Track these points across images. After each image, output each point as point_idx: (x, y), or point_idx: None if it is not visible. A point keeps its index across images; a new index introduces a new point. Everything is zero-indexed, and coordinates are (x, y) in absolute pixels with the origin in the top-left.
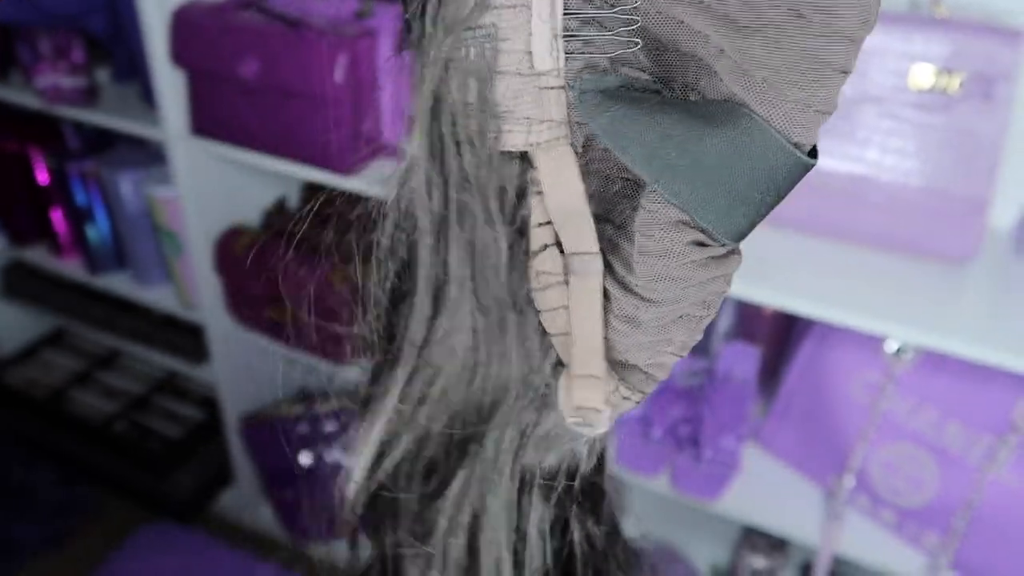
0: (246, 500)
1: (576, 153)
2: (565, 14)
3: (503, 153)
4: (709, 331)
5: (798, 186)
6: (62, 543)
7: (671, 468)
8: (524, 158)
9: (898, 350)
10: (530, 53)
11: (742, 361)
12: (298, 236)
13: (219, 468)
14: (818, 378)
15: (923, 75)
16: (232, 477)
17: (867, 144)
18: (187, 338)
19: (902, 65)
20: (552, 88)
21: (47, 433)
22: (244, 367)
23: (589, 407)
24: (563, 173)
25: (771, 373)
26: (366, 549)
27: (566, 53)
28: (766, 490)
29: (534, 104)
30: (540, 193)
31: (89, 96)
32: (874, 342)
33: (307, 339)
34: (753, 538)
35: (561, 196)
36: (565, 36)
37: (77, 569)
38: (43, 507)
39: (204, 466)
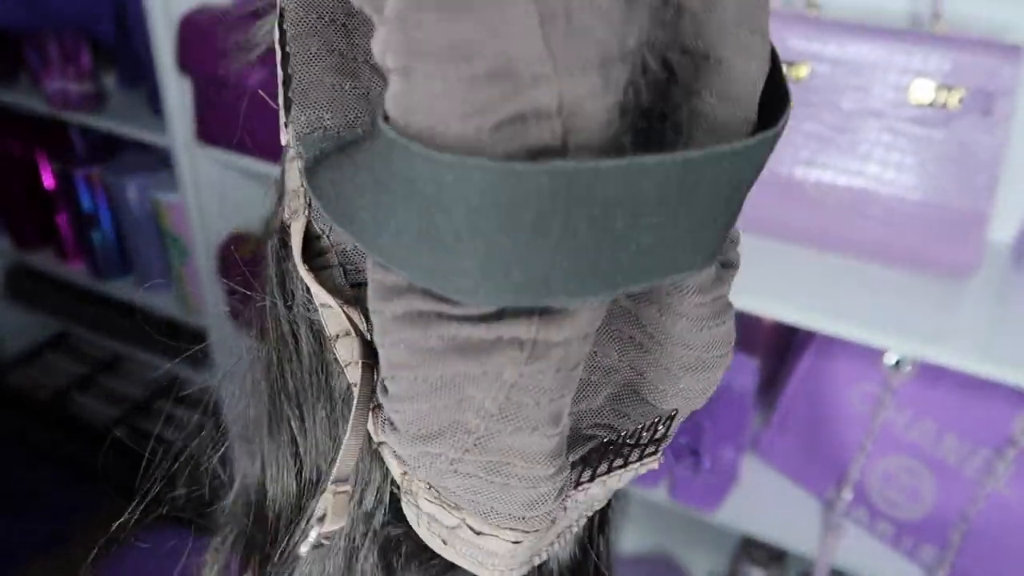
0: None
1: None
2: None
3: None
4: None
5: (799, 198)
6: (62, 544)
7: (670, 478)
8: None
9: (897, 363)
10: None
11: (741, 372)
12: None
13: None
14: (817, 390)
15: (924, 90)
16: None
17: (867, 158)
18: (190, 343)
19: (903, 80)
20: (293, 158)
21: (49, 435)
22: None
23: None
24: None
25: (770, 384)
26: None
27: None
28: (765, 501)
29: (289, 176)
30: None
31: (96, 102)
32: (873, 354)
33: None
34: (751, 549)
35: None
36: (297, 100)
37: (77, 570)
38: (44, 508)
39: (204, 471)
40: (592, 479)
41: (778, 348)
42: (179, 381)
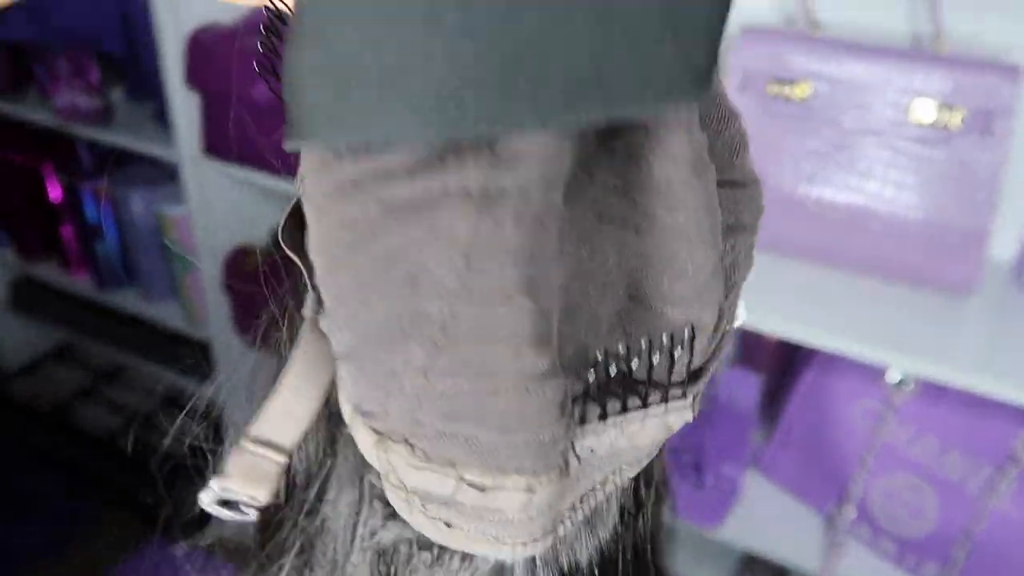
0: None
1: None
2: None
3: None
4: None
5: (800, 215)
6: (62, 552)
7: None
8: None
9: (899, 380)
10: None
11: (743, 388)
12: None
13: None
14: (819, 406)
15: (924, 110)
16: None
17: (868, 176)
18: (193, 355)
19: (903, 99)
20: None
21: (51, 445)
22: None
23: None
24: None
25: (772, 401)
26: None
27: None
28: (767, 517)
29: None
30: None
31: (104, 115)
32: (875, 372)
33: None
34: (753, 565)
35: None
36: None
37: None
38: (44, 516)
39: (206, 482)
40: (604, 417)
41: (780, 364)
42: (184, 392)
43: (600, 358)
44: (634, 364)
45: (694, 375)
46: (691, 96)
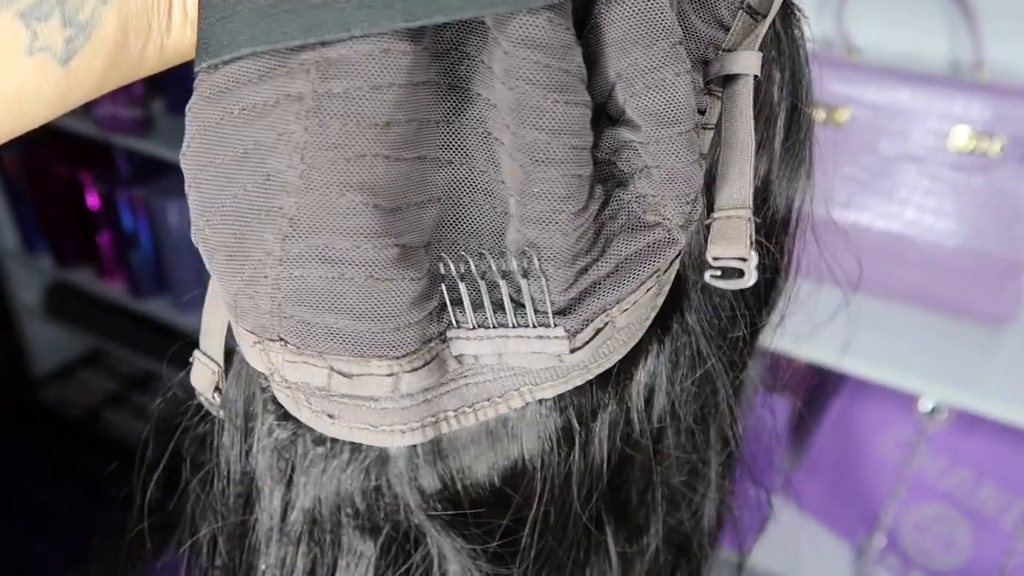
0: None
1: None
2: None
3: None
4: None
5: (834, 241)
6: (81, 565)
7: None
8: None
9: (932, 409)
10: None
11: (772, 413)
12: None
13: None
14: (849, 433)
15: (963, 137)
16: None
17: (906, 203)
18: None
19: (943, 127)
20: None
21: (77, 452)
22: None
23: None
24: None
25: (801, 426)
26: None
27: None
28: (794, 544)
29: None
30: None
31: (144, 126)
32: (906, 400)
33: None
34: None
35: None
36: None
37: None
38: (65, 528)
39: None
40: (457, 324)
41: (810, 390)
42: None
43: (473, 269)
44: (501, 281)
45: (565, 309)
46: (527, 3)
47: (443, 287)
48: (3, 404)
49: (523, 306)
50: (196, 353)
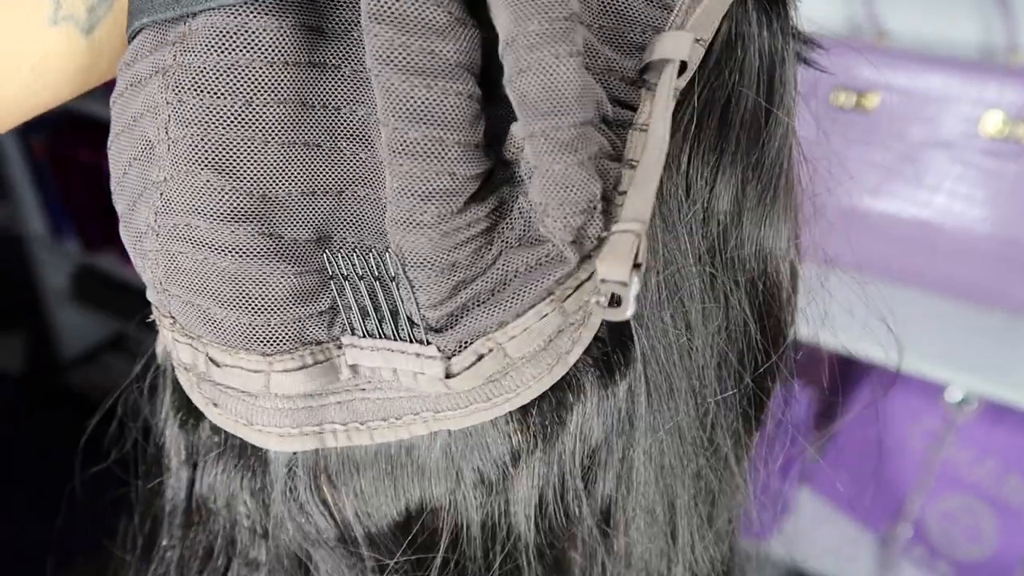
0: None
1: None
2: None
3: None
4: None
5: (862, 229)
6: (106, 544)
7: None
8: None
9: (961, 399)
10: None
11: (795, 402)
12: None
13: None
14: (874, 424)
15: (996, 122)
16: None
17: (936, 190)
18: None
19: (975, 112)
20: None
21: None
22: None
23: None
24: None
25: (826, 416)
26: None
27: None
28: (817, 534)
29: None
30: None
31: None
32: (933, 390)
33: None
34: None
35: None
36: None
37: (119, 572)
38: (92, 508)
39: None
40: (351, 330)
41: (835, 379)
42: None
43: (362, 270)
44: (376, 288)
45: (438, 326)
46: None
47: (346, 288)
48: (31, 388)
49: (399, 318)
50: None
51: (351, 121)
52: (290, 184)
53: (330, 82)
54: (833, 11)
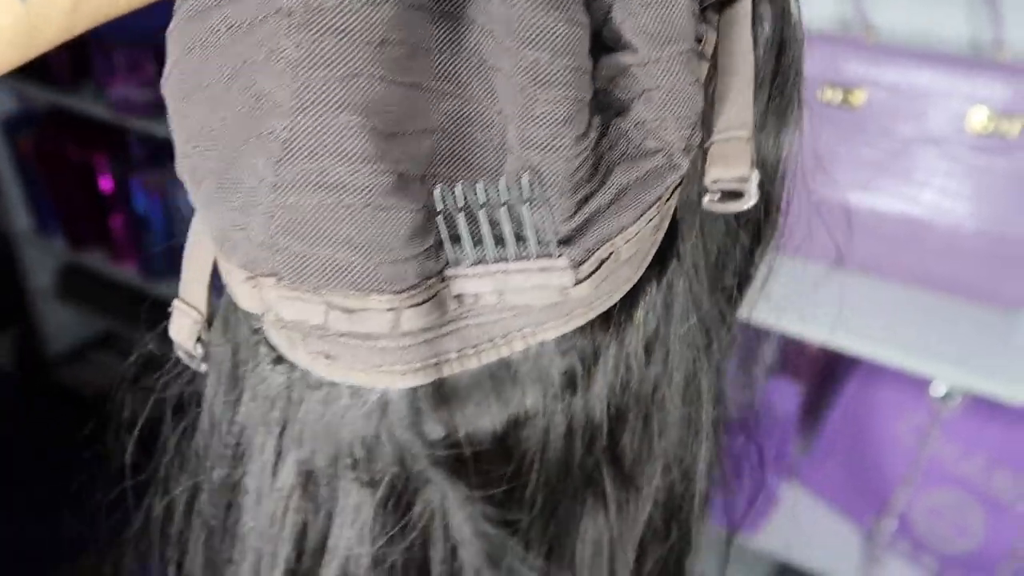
0: None
1: None
2: None
3: None
4: (751, 366)
5: (852, 224)
6: (105, 544)
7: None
8: None
9: (946, 394)
10: None
11: (784, 397)
12: None
13: None
14: (861, 418)
15: (983, 119)
16: None
17: (924, 186)
18: None
19: (962, 108)
20: None
21: (96, 433)
22: None
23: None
24: None
25: (813, 410)
26: None
27: None
28: (804, 528)
29: None
30: None
31: (157, 109)
32: (920, 384)
33: None
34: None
35: None
36: None
37: (113, 570)
38: (88, 507)
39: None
40: (456, 262)
41: (822, 374)
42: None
43: (471, 201)
44: (499, 213)
45: (568, 239)
46: None
47: (441, 223)
48: (18, 385)
49: (524, 238)
50: (175, 303)
51: (447, 63)
52: (410, 123)
53: (431, 25)
54: (821, 6)
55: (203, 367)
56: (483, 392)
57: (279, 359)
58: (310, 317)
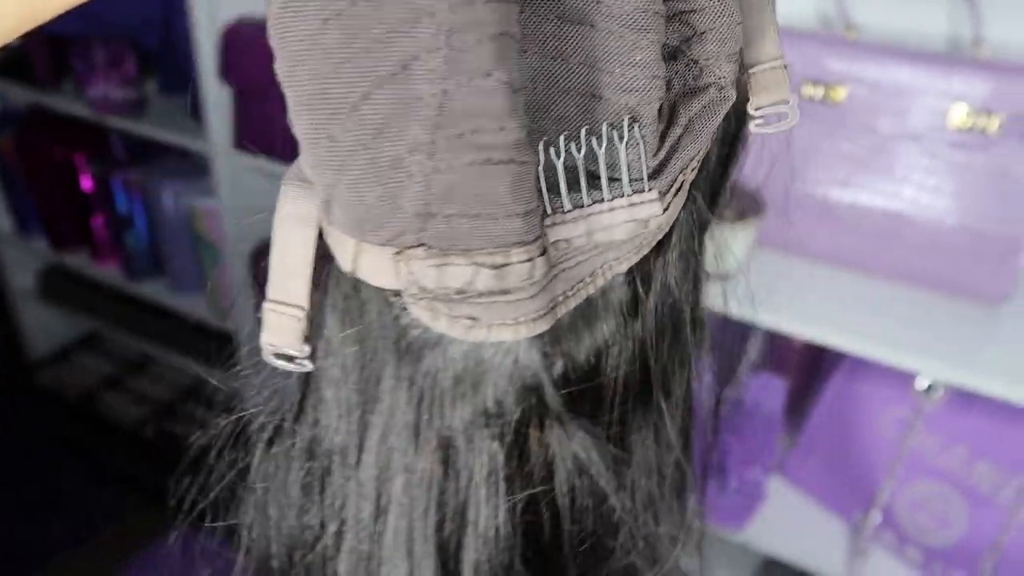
0: None
1: None
2: None
3: None
4: (735, 362)
5: (833, 220)
6: (84, 544)
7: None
8: None
9: (928, 387)
10: None
11: (769, 392)
12: None
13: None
14: (846, 413)
15: (962, 115)
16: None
17: (904, 181)
18: (220, 346)
19: (942, 104)
20: None
21: (76, 435)
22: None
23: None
24: None
25: (798, 405)
26: None
27: None
28: (790, 522)
29: None
30: None
31: (137, 108)
32: (903, 378)
33: None
34: (774, 570)
35: None
36: None
37: (99, 570)
38: (69, 507)
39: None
40: (565, 209)
41: (807, 369)
42: (208, 384)
43: (562, 153)
44: (595, 156)
45: (655, 172)
46: None
47: (557, 169)
48: (0, 386)
49: (617, 179)
50: (267, 306)
51: (527, 21)
52: (522, 82)
53: None
54: (804, 4)
55: (308, 365)
56: (576, 329)
57: (417, 335)
58: (457, 281)
